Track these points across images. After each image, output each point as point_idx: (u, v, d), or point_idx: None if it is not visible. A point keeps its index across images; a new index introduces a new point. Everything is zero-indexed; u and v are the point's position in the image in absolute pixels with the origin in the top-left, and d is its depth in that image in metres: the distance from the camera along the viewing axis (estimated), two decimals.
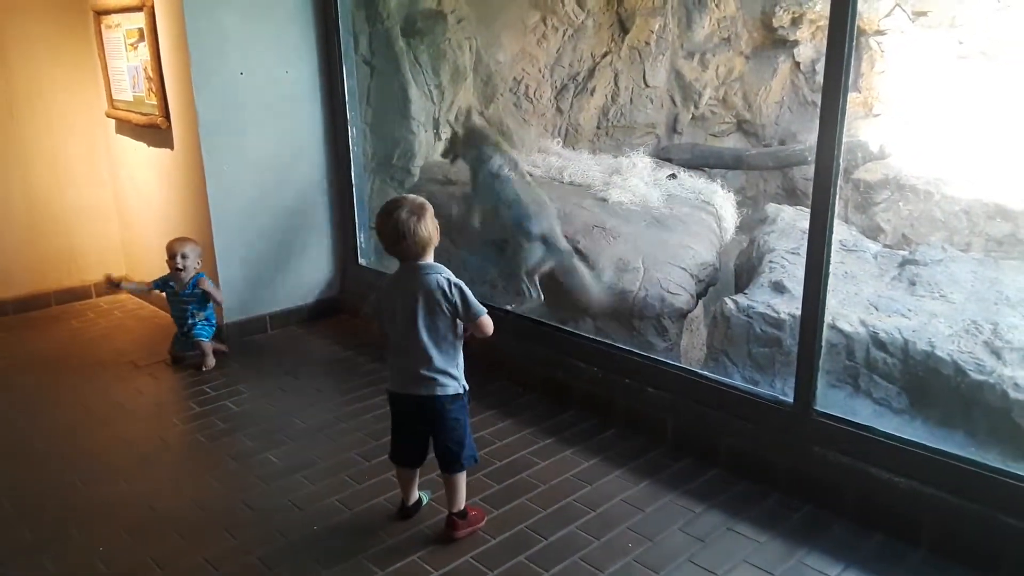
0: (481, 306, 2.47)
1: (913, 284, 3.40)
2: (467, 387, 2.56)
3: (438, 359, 2.46)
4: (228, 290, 4.28)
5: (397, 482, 2.72)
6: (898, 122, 5.07)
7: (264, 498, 2.84)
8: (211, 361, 3.98)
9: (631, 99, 5.92)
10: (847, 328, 3.09)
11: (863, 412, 2.94)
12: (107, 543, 2.59)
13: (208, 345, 3.99)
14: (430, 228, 2.45)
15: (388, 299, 2.52)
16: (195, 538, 2.61)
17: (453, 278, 2.47)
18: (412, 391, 2.51)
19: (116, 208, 5.06)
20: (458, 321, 2.48)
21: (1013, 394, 2.68)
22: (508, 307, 3.89)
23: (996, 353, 2.86)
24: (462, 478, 2.58)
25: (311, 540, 2.60)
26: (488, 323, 2.49)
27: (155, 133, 4.35)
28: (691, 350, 3.98)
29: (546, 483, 2.91)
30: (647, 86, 5.91)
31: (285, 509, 2.77)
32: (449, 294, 2.43)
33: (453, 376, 2.50)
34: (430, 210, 2.47)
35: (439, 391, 2.48)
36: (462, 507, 2.60)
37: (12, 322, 4.72)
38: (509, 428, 3.34)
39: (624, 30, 5.81)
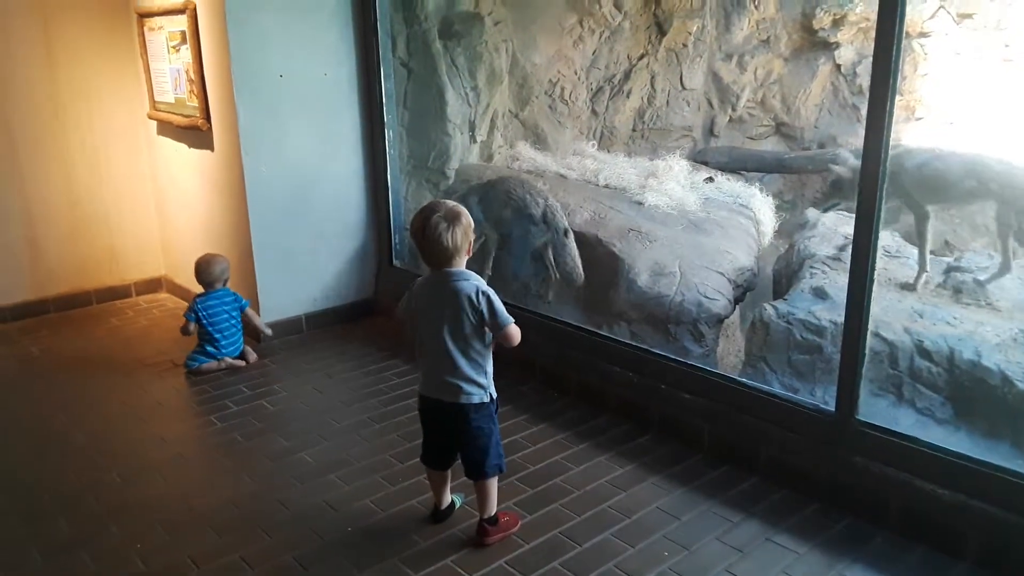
0: (508, 316, 2.42)
1: (959, 292, 3.33)
2: (495, 395, 2.52)
3: (464, 367, 2.43)
4: (265, 290, 4.32)
5: (429, 485, 2.72)
6: (941, 125, 4.98)
7: (299, 498, 2.86)
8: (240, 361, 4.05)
9: (667, 101, 5.88)
10: (890, 336, 3.03)
11: (906, 422, 2.88)
12: (145, 540, 2.62)
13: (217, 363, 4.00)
14: (459, 237, 2.38)
15: (417, 303, 2.51)
16: (231, 537, 2.63)
17: (483, 286, 2.41)
18: (437, 396, 2.50)
19: (156, 208, 5.14)
20: (486, 329, 2.45)
21: None
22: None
23: None
24: (491, 484, 2.56)
25: (345, 541, 2.60)
26: (515, 333, 2.43)
27: (196, 135, 4.41)
28: (727, 356, 3.94)
29: (580, 489, 2.89)
30: (684, 88, 5.87)
31: (320, 509, 2.78)
32: (476, 302, 2.38)
33: (479, 384, 2.46)
34: (465, 219, 2.41)
35: (463, 399, 2.45)
36: (492, 513, 2.58)
37: (54, 320, 4.81)
38: (543, 432, 3.32)
39: (661, 32, 5.78)
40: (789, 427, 2.86)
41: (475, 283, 2.42)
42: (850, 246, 2.60)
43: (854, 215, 2.55)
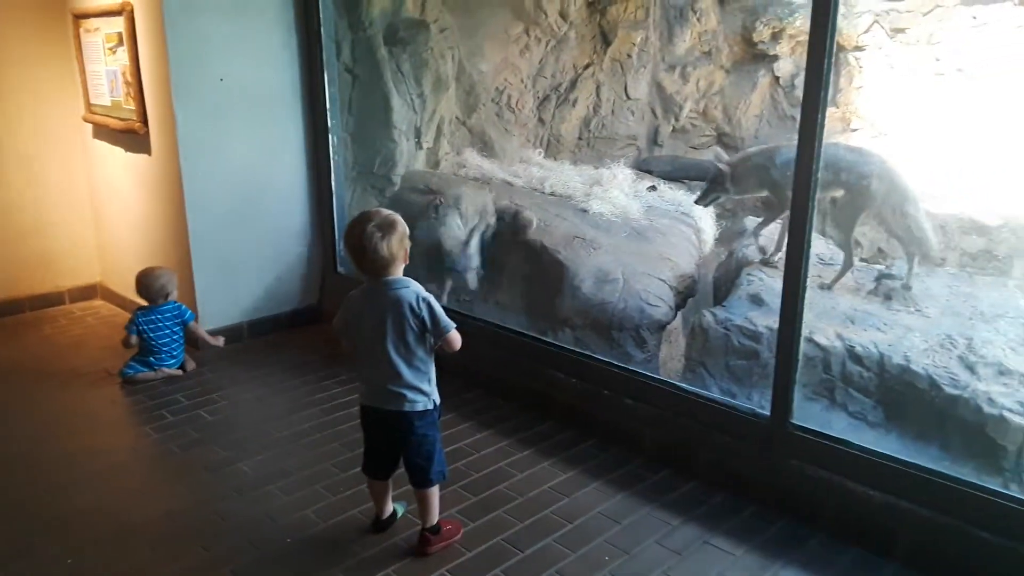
0: (450, 321, 2.43)
1: (889, 298, 3.43)
2: (438, 402, 2.52)
3: (407, 374, 2.42)
4: (205, 297, 4.24)
5: (370, 495, 2.69)
6: (875, 137, 5.12)
7: (237, 510, 2.81)
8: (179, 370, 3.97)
9: (612, 111, 5.94)
10: (824, 341, 3.11)
11: (839, 425, 2.95)
12: (77, 555, 2.55)
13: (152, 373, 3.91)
14: (394, 246, 2.37)
15: (355, 314, 2.48)
16: (166, 550, 2.57)
17: (422, 292, 2.41)
18: (380, 406, 2.48)
19: (92, 214, 5.00)
20: (428, 336, 2.44)
21: (987, 409, 2.70)
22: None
23: (970, 368, 2.89)
24: (434, 493, 2.56)
25: (284, 553, 2.56)
26: (456, 339, 2.45)
27: (133, 138, 4.31)
28: (669, 361, 3.99)
29: (523, 495, 2.90)
30: (628, 98, 5.94)
31: (258, 521, 2.73)
32: (417, 309, 2.38)
33: (423, 392, 2.46)
34: (400, 228, 2.40)
35: (407, 407, 2.44)
36: (434, 522, 2.57)
37: None
38: (486, 439, 3.32)
39: (606, 42, 5.84)
40: (727, 431, 2.91)
41: (415, 290, 2.42)
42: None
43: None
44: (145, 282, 3.89)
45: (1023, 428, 2.62)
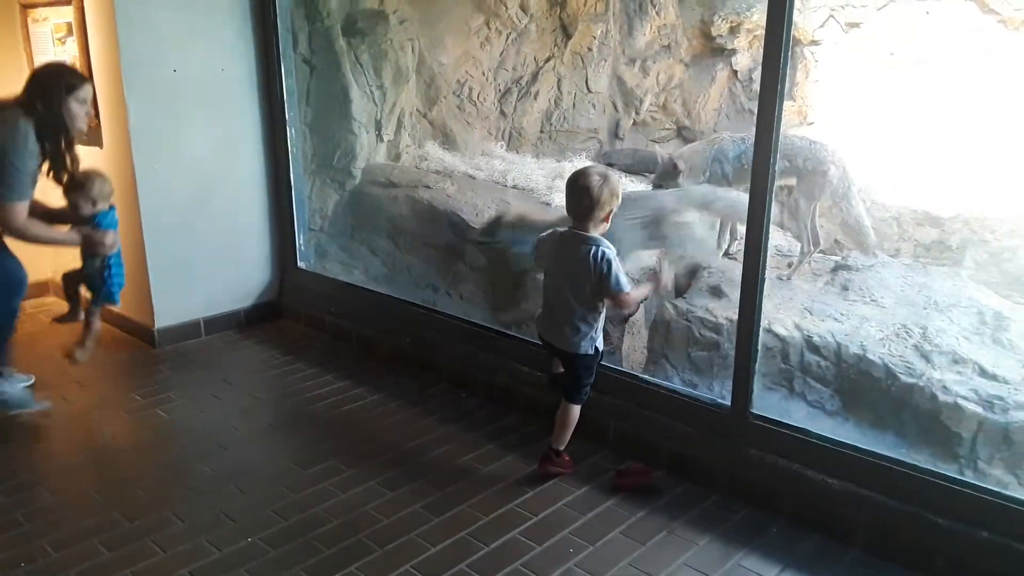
0: (624, 284, 2.69)
1: (845, 289, 3.48)
2: (601, 348, 2.87)
3: (576, 320, 2.77)
4: (160, 292, 4.15)
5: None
6: (831, 130, 5.20)
7: (195, 510, 2.75)
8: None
9: (574, 104, 5.95)
10: (782, 332, 3.14)
11: (797, 414, 2.99)
12: (29, 559, 2.48)
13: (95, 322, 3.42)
14: (604, 195, 2.66)
15: (549, 252, 2.86)
16: (123, 552, 2.51)
17: (607, 252, 2.70)
18: (552, 341, 2.88)
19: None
20: (600, 291, 2.73)
21: (942, 396, 2.76)
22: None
23: (925, 356, 2.95)
24: (569, 410, 2.90)
25: (245, 553, 2.52)
26: (628, 300, 2.77)
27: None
28: (632, 353, 4.01)
29: (488, 489, 2.89)
30: (589, 91, 5.95)
31: (217, 521, 2.68)
32: (596, 263, 2.68)
33: (589, 336, 2.80)
34: (613, 182, 2.70)
35: (571, 348, 2.82)
36: (559, 447, 2.94)
37: None
38: (451, 433, 3.31)
39: (567, 35, 5.84)
40: (689, 422, 2.94)
41: (602, 247, 2.70)
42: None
43: None
44: (101, 182, 3.34)
45: (977, 415, 2.68)
